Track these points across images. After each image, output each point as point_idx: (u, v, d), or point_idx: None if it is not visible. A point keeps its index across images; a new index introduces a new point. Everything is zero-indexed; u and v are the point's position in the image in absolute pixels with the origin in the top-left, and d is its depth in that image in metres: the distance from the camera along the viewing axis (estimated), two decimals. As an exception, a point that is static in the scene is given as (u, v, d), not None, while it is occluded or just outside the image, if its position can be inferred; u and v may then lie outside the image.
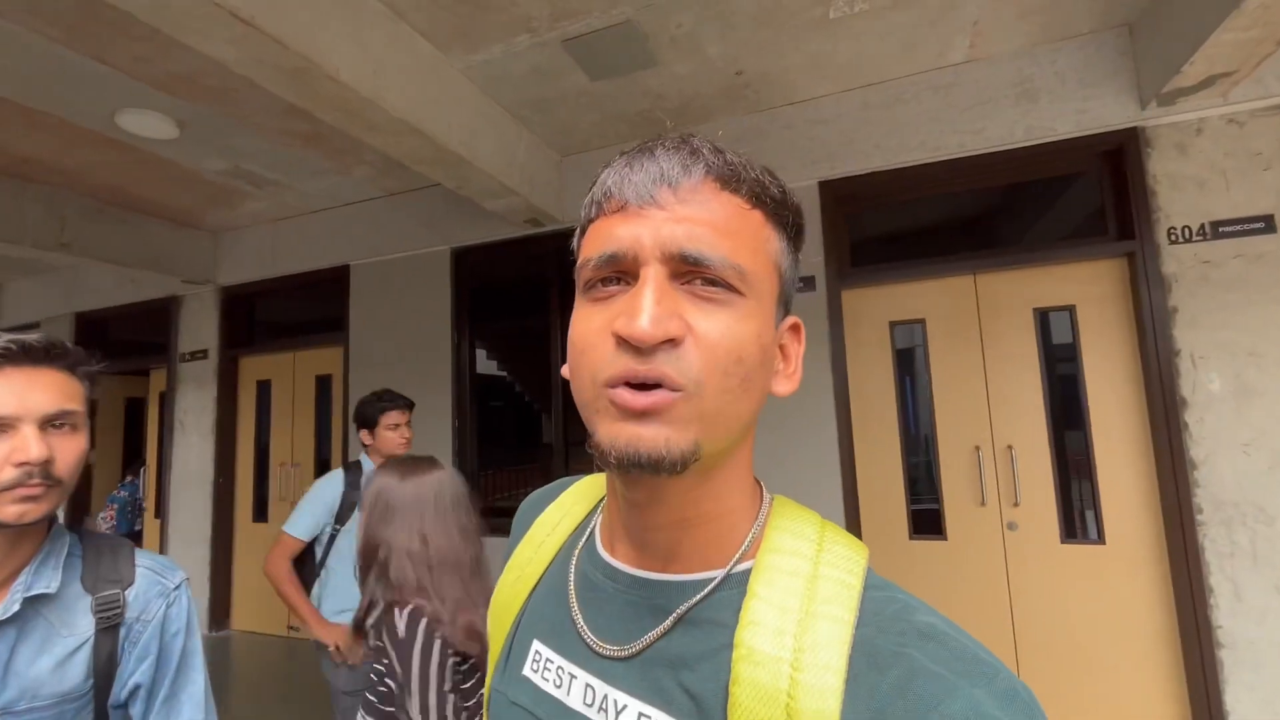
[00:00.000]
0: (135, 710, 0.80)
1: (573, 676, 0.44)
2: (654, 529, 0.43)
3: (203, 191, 4.06)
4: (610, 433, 0.37)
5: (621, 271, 0.40)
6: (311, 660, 4.03)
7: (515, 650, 0.50)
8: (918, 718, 0.32)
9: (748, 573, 0.41)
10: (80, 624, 0.77)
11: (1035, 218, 3.01)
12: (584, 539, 0.51)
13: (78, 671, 0.76)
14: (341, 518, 2.15)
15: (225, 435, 4.72)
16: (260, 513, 4.64)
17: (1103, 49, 2.72)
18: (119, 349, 5.29)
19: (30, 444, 0.72)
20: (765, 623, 0.37)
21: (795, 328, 0.45)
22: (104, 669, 0.77)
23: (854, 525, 2.93)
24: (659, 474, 0.37)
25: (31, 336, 0.76)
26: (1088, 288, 2.79)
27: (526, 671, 0.48)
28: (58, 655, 0.75)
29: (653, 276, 0.38)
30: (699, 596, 0.41)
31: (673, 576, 0.43)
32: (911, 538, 2.94)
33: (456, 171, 2.95)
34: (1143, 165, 2.65)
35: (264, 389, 4.74)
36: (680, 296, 0.38)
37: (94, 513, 4.69)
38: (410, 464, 1.32)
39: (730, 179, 0.40)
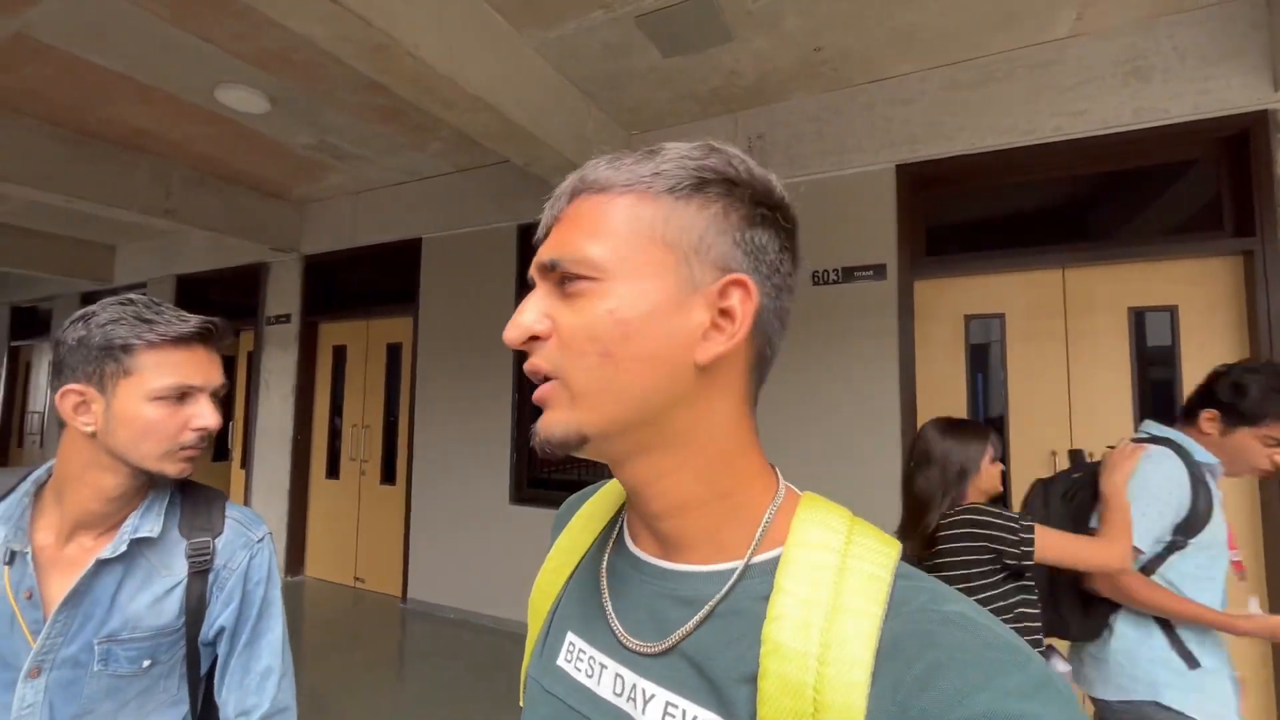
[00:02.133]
0: (220, 649, 0.87)
1: (603, 666, 0.46)
2: (654, 517, 0.45)
3: (290, 164, 4.27)
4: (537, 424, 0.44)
5: None
6: (377, 608, 4.30)
7: (550, 640, 0.52)
8: (943, 712, 0.32)
9: (770, 564, 0.42)
10: (176, 566, 0.84)
11: (1137, 209, 2.77)
12: (615, 532, 0.53)
13: (172, 609, 0.83)
14: (1192, 527, 1.41)
15: (304, 396, 5.02)
16: (333, 470, 4.93)
17: (1232, 22, 2.45)
18: (213, 310, 5.66)
19: (209, 413, 0.82)
20: (792, 617, 0.37)
21: (738, 284, 0.42)
22: (194, 609, 0.84)
23: (913, 524, 2.83)
24: (555, 453, 0.42)
25: (216, 320, 0.85)
26: (1193, 287, 2.56)
27: (560, 662, 0.50)
28: (156, 592, 0.82)
29: (533, 290, 0.45)
30: (724, 591, 0.42)
31: (693, 567, 0.44)
32: (975, 542, 2.81)
33: (526, 148, 2.98)
34: (1270, 153, 2.39)
35: (339, 354, 5.00)
36: (555, 299, 0.43)
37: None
38: None
39: (589, 185, 0.44)
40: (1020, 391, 2.80)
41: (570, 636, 0.50)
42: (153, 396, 0.78)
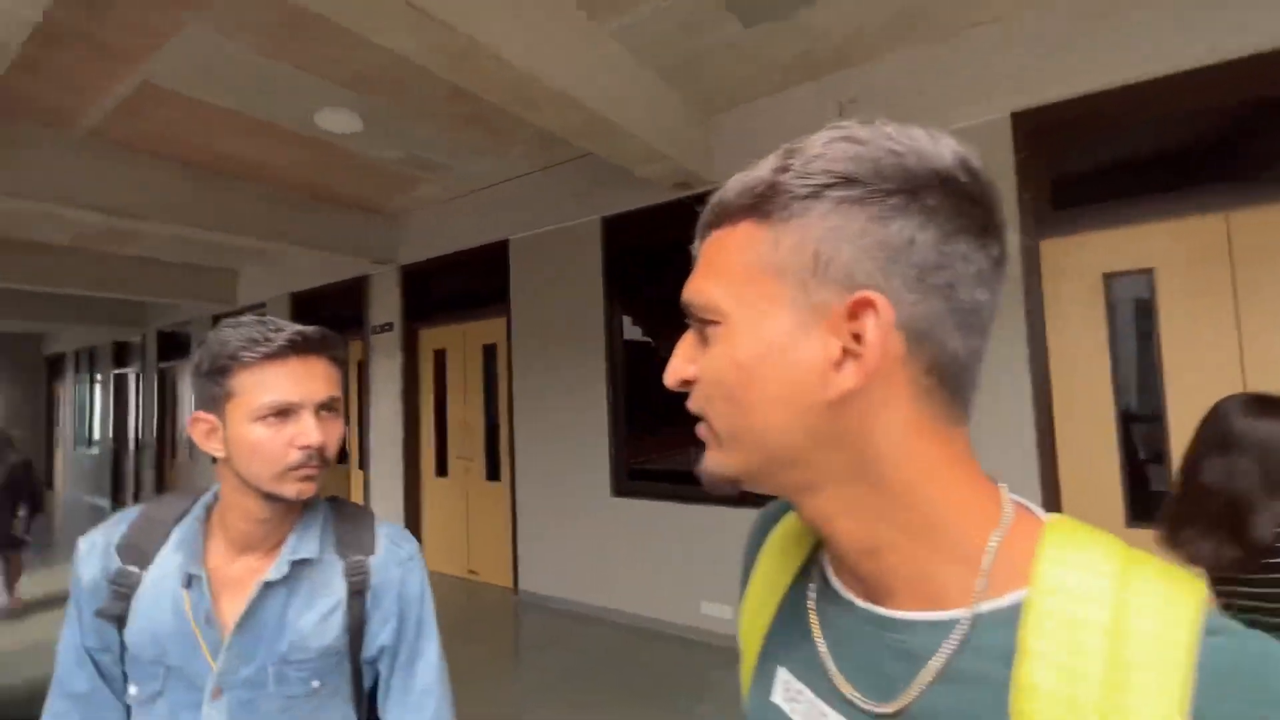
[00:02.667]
0: (382, 667, 0.88)
1: (824, 715, 0.42)
2: (845, 557, 0.41)
3: (383, 179, 4.47)
4: None
5: None
6: (491, 600, 4.49)
7: (764, 672, 0.49)
8: None
9: (1007, 614, 0.34)
10: (335, 585, 0.85)
11: (1319, 134, 2.35)
12: (818, 562, 0.48)
13: (335, 628, 0.83)
14: None
15: (410, 399, 5.29)
16: (442, 468, 5.17)
17: None
18: (324, 323, 6.08)
19: (311, 430, 0.79)
20: (1050, 691, 0.31)
21: (862, 304, 0.36)
22: (355, 628, 0.84)
23: (1054, 509, 2.57)
24: (719, 491, 0.42)
25: (309, 328, 0.83)
26: (1405, 220, 2.14)
27: (777, 699, 0.46)
28: (320, 612, 0.83)
29: (686, 334, 0.44)
30: (945, 646, 0.36)
31: (909, 614, 0.38)
32: (1129, 525, 2.52)
33: (608, 140, 2.94)
34: None
35: (440, 358, 5.22)
36: (698, 342, 0.42)
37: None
38: None
39: (717, 218, 0.42)
40: (1179, 357, 2.46)
41: (783, 673, 0.47)
42: (254, 417, 0.78)
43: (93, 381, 10.75)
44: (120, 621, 0.78)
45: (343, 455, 5.94)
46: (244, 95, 3.17)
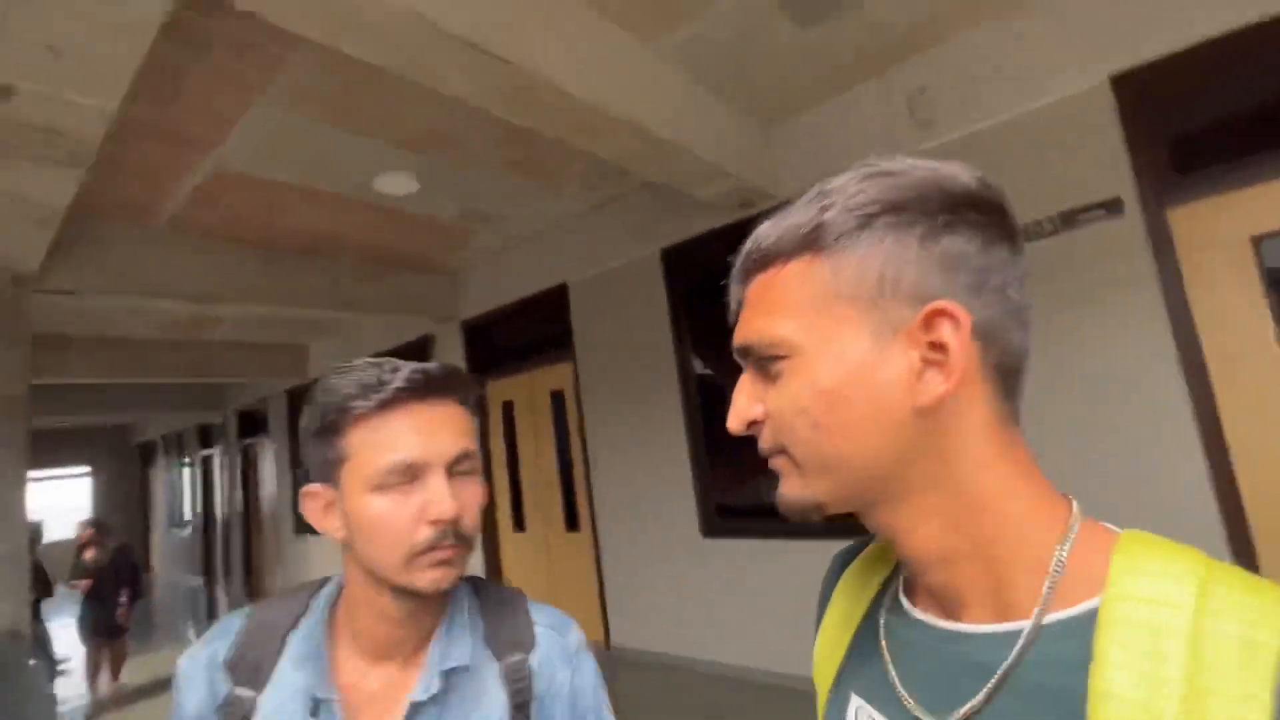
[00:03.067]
0: None
1: None
2: (919, 571, 0.43)
3: (440, 237, 4.51)
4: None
5: None
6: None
7: (837, 701, 0.50)
8: None
9: (1079, 622, 0.34)
10: (492, 695, 0.66)
11: None
12: (892, 589, 0.49)
13: None
14: None
15: (482, 453, 5.21)
16: (519, 523, 5.04)
17: None
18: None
19: (442, 495, 0.61)
20: (1127, 697, 0.30)
21: (941, 314, 0.38)
22: None
23: (1240, 538, 2.20)
24: (799, 518, 0.43)
25: (433, 365, 0.66)
26: None
27: None
28: None
29: (742, 377, 0.45)
30: (1011, 657, 0.36)
31: (977, 627, 0.39)
32: (1336, 528, 2.12)
33: (667, 162, 2.83)
34: None
35: (508, 409, 5.15)
36: (761, 382, 0.44)
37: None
38: None
39: (759, 263, 0.44)
40: (1366, 320, 2.09)
41: (856, 700, 0.47)
42: (372, 485, 0.61)
43: (181, 464, 11.29)
44: None
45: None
46: (306, 168, 3.23)
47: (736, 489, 3.69)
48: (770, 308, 0.42)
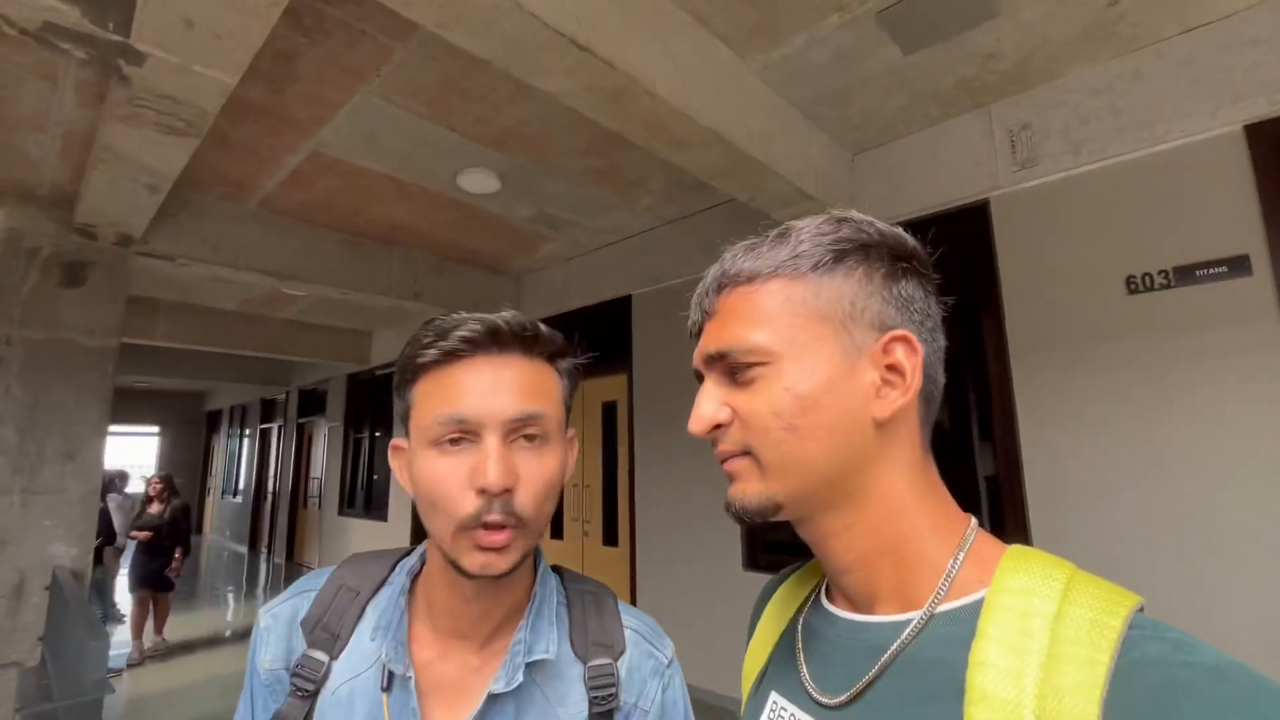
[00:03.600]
0: None
1: None
2: (840, 572, 0.47)
3: (512, 239, 4.58)
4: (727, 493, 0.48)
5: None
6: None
7: (756, 702, 0.52)
8: None
9: (967, 610, 0.40)
10: (573, 700, 0.60)
11: None
12: (814, 595, 0.54)
13: None
14: None
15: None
16: (556, 530, 5.00)
17: None
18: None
19: (490, 461, 0.53)
20: (999, 665, 0.35)
21: (900, 340, 0.45)
22: None
23: (1362, 618, 1.95)
24: (751, 520, 0.46)
25: (509, 314, 0.59)
26: None
27: None
28: None
29: (704, 384, 0.50)
30: (904, 637, 0.41)
31: (879, 618, 0.44)
32: None
33: (751, 181, 2.78)
34: None
35: (557, 415, 5.15)
36: (729, 388, 0.47)
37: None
38: None
39: (735, 277, 0.48)
40: None
41: (773, 696, 0.50)
42: (428, 440, 0.55)
43: (242, 435, 11.81)
44: None
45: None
46: (398, 159, 3.34)
47: (784, 525, 3.54)
48: (748, 319, 0.46)
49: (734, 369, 0.46)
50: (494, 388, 0.56)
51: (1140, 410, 2.38)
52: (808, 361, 0.44)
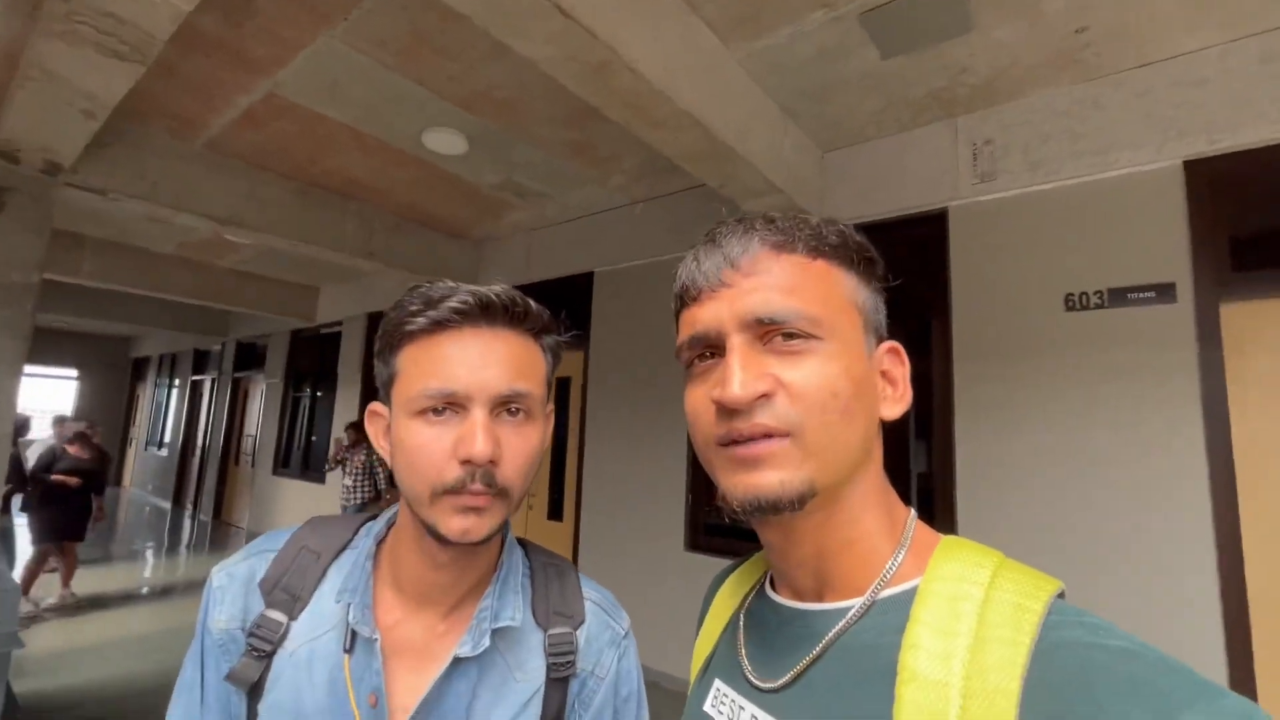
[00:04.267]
0: None
1: (740, 708, 0.47)
2: (796, 563, 0.46)
3: (477, 205, 4.47)
4: (730, 483, 0.44)
5: (711, 347, 0.46)
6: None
7: (701, 688, 0.53)
8: None
9: (904, 597, 0.41)
10: (532, 667, 0.61)
11: None
12: (759, 585, 0.54)
13: None
14: None
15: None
16: (501, 502, 4.97)
17: None
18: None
19: (477, 436, 0.53)
20: (929, 647, 0.36)
21: (893, 351, 0.48)
22: None
23: (1238, 626, 2.15)
24: (780, 513, 0.42)
25: (501, 289, 0.58)
26: None
27: (707, 707, 0.50)
28: (513, 706, 0.59)
29: (736, 346, 0.44)
30: (843, 623, 0.43)
31: (826, 605, 0.45)
32: (1339, 653, 2.08)
33: (724, 168, 2.79)
34: None
35: (510, 387, 5.09)
36: (766, 356, 0.44)
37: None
38: None
39: (784, 243, 0.46)
40: (1405, 450, 2.06)
41: (717, 683, 0.51)
42: (412, 410, 0.55)
43: (171, 385, 11.21)
44: (254, 691, 0.57)
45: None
46: (361, 110, 3.19)
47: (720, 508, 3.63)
48: (805, 288, 0.44)
49: (784, 337, 0.43)
50: (483, 362, 0.56)
51: (1068, 420, 2.54)
52: (853, 348, 0.44)
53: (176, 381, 11.00)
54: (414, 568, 0.60)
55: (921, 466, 3.03)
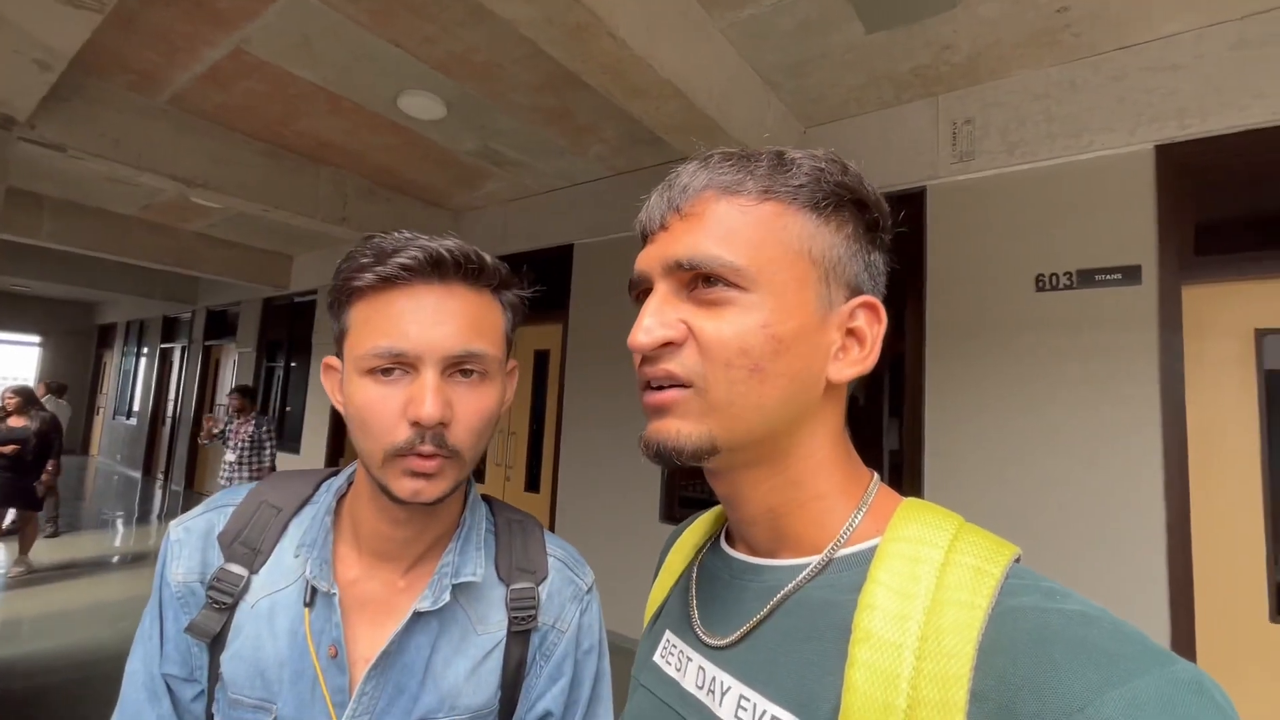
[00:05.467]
0: None
1: (688, 659, 0.47)
2: (748, 522, 0.45)
3: (453, 173, 4.38)
4: (646, 431, 0.43)
5: (645, 291, 0.45)
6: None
7: (651, 639, 0.53)
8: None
9: (863, 555, 0.41)
10: (493, 620, 0.62)
11: None
12: (714, 538, 0.54)
13: (490, 680, 0.60)
14: None
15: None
16: (478, 474, 4.97)
17: None
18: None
19: (428, 397, 0.52)
20: (886, 608, 0.36)
21: (867, 307, 0.44)
22: (511, 681, 0.61)
23: (1183, 597, 2.26)
24: (679, 464, 0.41)
25: (453, 244, 0.56)
26: None
27: (656, 658, 0.50)
28: (473, 658, 0.60)
29: (656, 291, 0.43)
30: (797, 580, 0.42)
31: (780, 561, 0.44)
32: (1275, 619, 2.19)
33: (705, 140, 2.76)
34: None
35: (488, 359, 5.07)
36: (685, 304, 0.42)
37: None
38: None
39: (733, 183, 0.43)
40: (1347, 430, 2.15)
41: (667, 634, 0.51)
42: (362, 369, 0.54)
43: (139, 354, 10.94)
44: (215, 643, 0.57)
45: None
46: (334, 70, 3.09)
47: (701, 480, 3.68)
48: (733, 233, 0.41)
49: (702, 282, 0.41)
50: (435, 319, 0.54)
51: (1033, 398, 2.60)
52: (788, 301, 0.41)
53: (145, 349, 10.73)
54: (372, 524, 0.60)
55: (894, 444, 3.10)
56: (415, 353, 0.53)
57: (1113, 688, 0.28)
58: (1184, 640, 2.25)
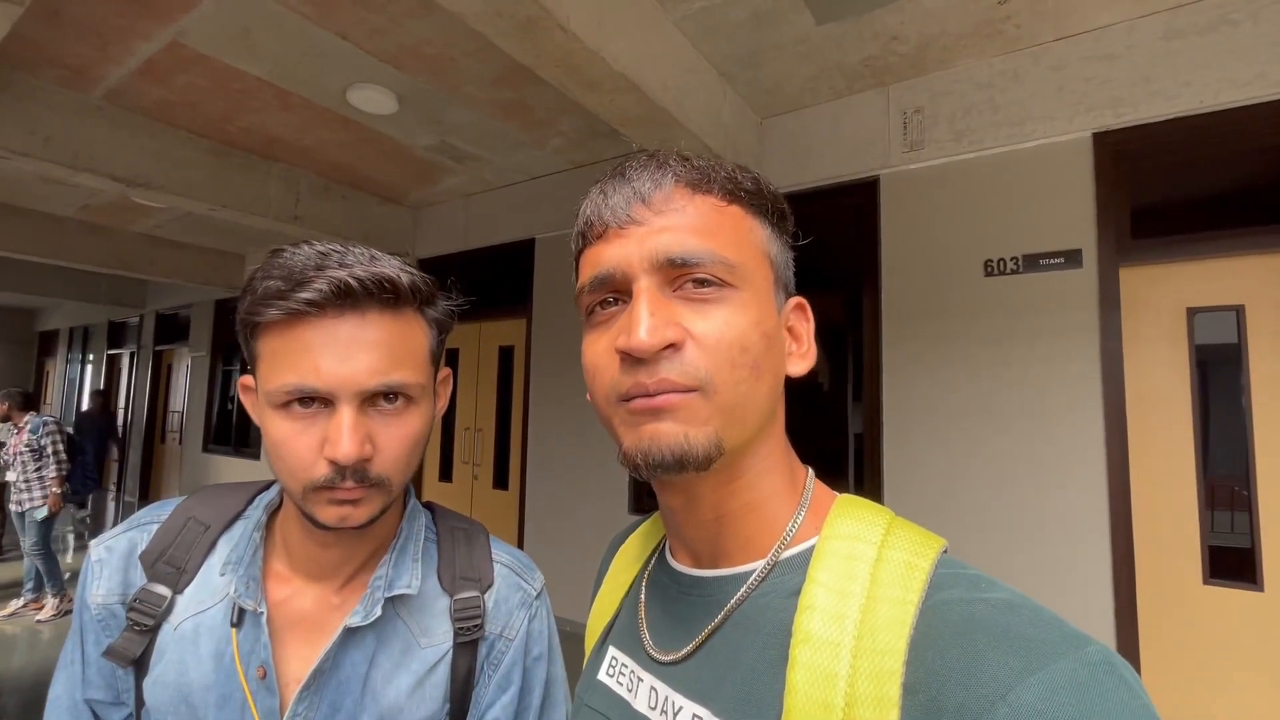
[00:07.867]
0: None
1: (639, 679, 0.46)
2: (694, 527, 0.45)
3: (410, 168, 4.29)
4: (633, 439, 0.40)
5: (616, 292, 0.42)
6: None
7: (597, 655, 0.52)
8: (984, 709, 0.29)
9: (802, 557, 0.41)
10: (438, 632, 0.60)
11: None
12: (658, 551, 0.53)
13: (436, 694, 0.59)
14: None
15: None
16: (445, 473, 4.93)
17: None
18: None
19: (343, 433, 0.49)
20: (824, 607, 0.36)
21: (800, 307, 0.47)
22: (459, 693, 0.60)
23: (1125, 564, 2.38)
24: (685, 471, 0.39)
25: (363, 271, 0.51)
26: None
27: (602, 676, 0.49)
28: (417, 672, 0.58)
29: (645, 289, 0.40)
30: (744, 589, 0.42)
31: (725, 571, 0.44)
32: (1208, 581, 2.32)
33: (662, 133, 2.77)
34: None
35: (451, 357, 5.00)
36: (674, 303, 0.40)
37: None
38: None
39: (700, 181, 0.43)
40: (1268, 400, 2.28)
41: (613, 651, 0.50)
42: (274, 404, 0.51)
43: (84, 361, 10.47)
44: (139, 666, 0.55)
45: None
46: (278, 64, 2.99)
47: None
48: (719, 231, 0.41)
49: (695, 283, 0.40)
50: (347, 353, 0.50)
51: (983, 378, 2.69)
52: (765, 299, 0.42)
53: (91, 356, 10.27)
54: (302, 545, 0.59)
55: (859, 428, 3.17)
56: (328, 390, 0.50)
57: (1031, 673, 0.29)
58: (1126, 604, 2.37)
